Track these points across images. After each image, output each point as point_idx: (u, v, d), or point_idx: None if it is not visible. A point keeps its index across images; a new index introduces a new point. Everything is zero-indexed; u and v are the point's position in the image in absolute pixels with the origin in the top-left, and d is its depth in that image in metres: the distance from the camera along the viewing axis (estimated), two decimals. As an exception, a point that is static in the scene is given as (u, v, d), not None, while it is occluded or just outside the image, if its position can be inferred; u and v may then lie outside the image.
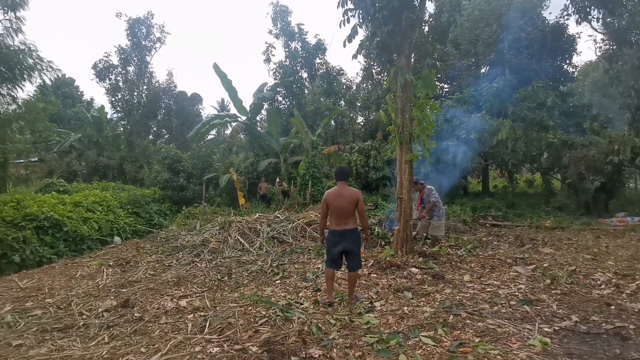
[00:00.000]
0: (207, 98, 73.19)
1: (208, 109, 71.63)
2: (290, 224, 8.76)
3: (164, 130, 32.76)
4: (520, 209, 12.91)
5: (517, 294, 4.84)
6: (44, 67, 10.16)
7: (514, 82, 15.07)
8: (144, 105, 25.68)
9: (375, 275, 5.78)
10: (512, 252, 7.09)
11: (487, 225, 10.48)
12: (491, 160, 15.02)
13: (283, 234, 8.28)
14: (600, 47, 19.20)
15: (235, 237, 8.05)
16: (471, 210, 11.90)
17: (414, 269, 5.85)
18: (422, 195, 7.40)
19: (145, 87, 26.09)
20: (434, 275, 5.61)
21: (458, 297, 4.77)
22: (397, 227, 6.83)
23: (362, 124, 24.01)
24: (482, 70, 19.26)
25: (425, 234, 7.61)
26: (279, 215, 9.65)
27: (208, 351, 3.36)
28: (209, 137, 31.04)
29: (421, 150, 8.38)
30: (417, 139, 6.99)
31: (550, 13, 30.85)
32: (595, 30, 17.72)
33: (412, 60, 6.92)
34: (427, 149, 6.93)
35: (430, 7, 20.63)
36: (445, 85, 21.06)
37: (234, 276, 6.04)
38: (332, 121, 23.77)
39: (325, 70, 25.09)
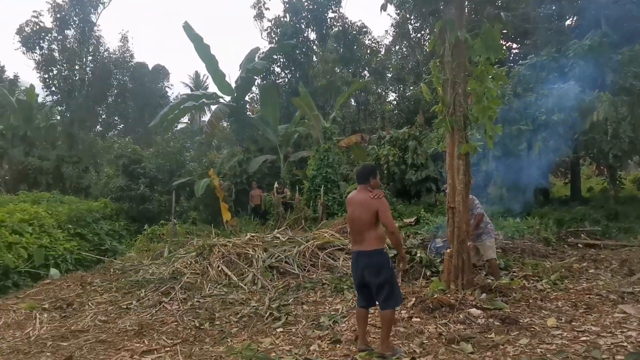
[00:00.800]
0: (176, 72, 74.27)
1: (177, 87, 72.72)
2: (295, 247, 8.80)
3: (116, 119, 33.44)
4: (627, 222, 12.67)
5: (625, 344, 4.75)
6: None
7: (614, 38, 14.78)
8: (89, 84, 26.16)
9: (418, 319, 5.77)
10: (617, 284, 7.00)
11: (580, 245, 10.43)
12: (583, 152, 14.69)
13: (286, 262, 8.34)
14: None
15: (218, 267, 8.09)
16: (556, 225, 11.88)
17: (474, 310, 5.84)
18: None
19: (90, 57, 26.61)
20: (504, 318, 5.59)
21: (539, 350, 4.72)
22: (448, 250, 6.80)
23: (396, 103, 23.92)
24: (568, 23, 18.96)
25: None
26: (279, 235, 9.67)
27: None
28: (180, 126, 31.43)
29: (481, 139, 8.38)
30: (475, 123, 6.99)
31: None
32: None
33: (466, 10, 7.17)
34: (489, 136, 6.87)
35: None
36: (515, 45, 20.83)
37: (217, 322, 6.06)
38: (353, 100, 23.72)
39: (341, 28, 25.16)
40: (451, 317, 5.70)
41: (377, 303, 4.82)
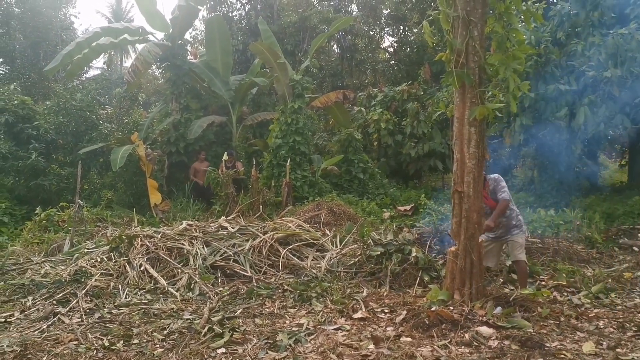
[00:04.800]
0: (88, -3, 72.37)
1: (88, 18, 71.02)
2: (248, 241, 8.84)
3: (-3, 59, 31.70)
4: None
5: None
6: None
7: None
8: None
9: (409, 339, 5.75)
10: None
11: (635, 249, 10.39)
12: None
13: (234, 261, 8.34)
14: None
15: (140, 266, 7.99)
16: (604, 221, 11.82)
17: (484, 329, 5.87)
18: (486, 191, 7.44)
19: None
20: (525, 341, 5.58)
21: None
22: (453, 248, 6.84)
23: (393, 50, 23.77)
24: None
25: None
26: (226, 224, 9.64)
27: None
28: (91, 72, 31.46)
29: (504, 101, 8.21)
30: (495, 77, 6.93)
31: None
32: None
33: None
34: (513, 97, 6.85)
35: None
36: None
37: (135, 341, 5.94)
38: (335, 45, 23.45)
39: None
40: (453, 337, 5.71)
41: None
